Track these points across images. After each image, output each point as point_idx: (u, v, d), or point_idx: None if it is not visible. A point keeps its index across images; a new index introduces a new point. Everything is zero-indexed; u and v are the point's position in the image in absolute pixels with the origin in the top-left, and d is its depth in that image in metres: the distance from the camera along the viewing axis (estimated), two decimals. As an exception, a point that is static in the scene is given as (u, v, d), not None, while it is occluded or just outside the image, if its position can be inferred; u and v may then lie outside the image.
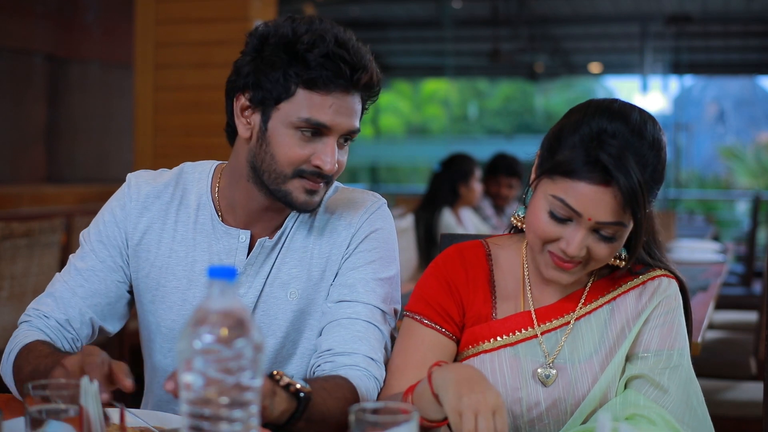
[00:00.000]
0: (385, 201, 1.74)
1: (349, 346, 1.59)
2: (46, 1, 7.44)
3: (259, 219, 1.66)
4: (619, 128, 1.43)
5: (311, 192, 1.58)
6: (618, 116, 1.44)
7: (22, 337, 1.62)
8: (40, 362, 1.50)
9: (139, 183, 1.72)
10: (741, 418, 3.13)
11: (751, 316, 4.47)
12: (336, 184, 1.75)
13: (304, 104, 1.54)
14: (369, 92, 1.61)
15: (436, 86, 16.09)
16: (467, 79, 15.87)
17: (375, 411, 1.04)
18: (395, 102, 16.36)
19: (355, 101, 1.58)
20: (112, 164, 7.75)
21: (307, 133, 1.55)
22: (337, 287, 1.65)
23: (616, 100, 1.50)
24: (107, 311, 1.70)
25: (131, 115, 5.68)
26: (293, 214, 1.68)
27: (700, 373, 1.58)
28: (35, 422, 1.11)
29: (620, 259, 1.55)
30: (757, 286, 6.21)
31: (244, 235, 1.65)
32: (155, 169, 1.78)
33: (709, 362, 3.57)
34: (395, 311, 1.69)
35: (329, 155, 1.56)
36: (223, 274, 0.98)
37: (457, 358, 1.60)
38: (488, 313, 1.59)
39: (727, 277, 5.43)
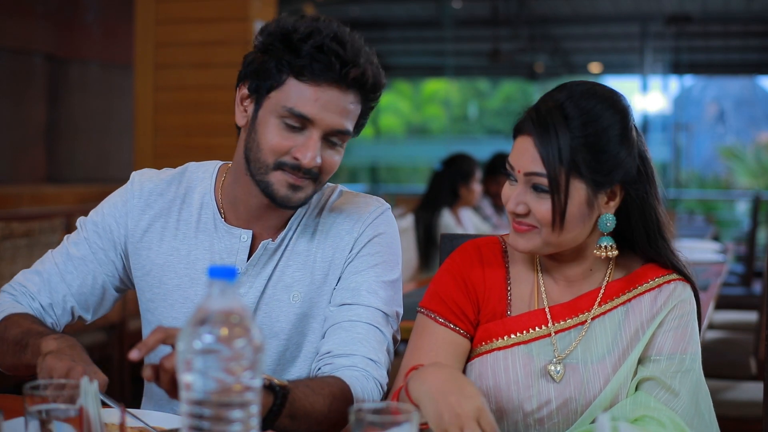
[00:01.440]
0: (390, 206, 1.74)
1: (349, 348, 1.58)
2: (46, 1, 7.43)
3: (260, 217, 1.65)
4: (558, 94, 1.50)
5: (294, 187, 1.57)
6: (569, 86, 1.52)
7: (8, 305, 1.65)
8: (30, 337, 1.53)
9: (143, 180, 1.72)
10: (741, 418, 3.13)
11: (751, 316, 4.47)
12: (340, 188, 1.75)
13: (292, 94, 1.54)
14: (362, 91, 1.58)
15: (436, 86, 16.08)
16: (467, 79, 15.86)
17: (375, 411, 1.04)
18: (395, 102, 16.35)
19: (347, 100, 1.56)
20: (112, 164, 7.75)
21: (292, 124, 1.54)
22: (340, 291, 1.65)
23: (581, 81, 1.55)
24: (90, 302, 1.72)
25: (131, 115, 5.68)
26: (296, 216, 1.67)
27: (699, 373, 1.58)
28: (41, 423, 1.11)
29: (605, 249, 1.54)
30: (757, 286, 6.21)
31: (246, 235, 1.65)
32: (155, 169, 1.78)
33: (709, 362, 3.53)
34: (397, 314, 1.68)
35: (310, 149, 1.54)
36: (223, 273, 0.98)
37: (471, 354, 1.59)
38: (503, 310, 1.59)
39: (727, 277, 5.43)
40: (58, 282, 1.69)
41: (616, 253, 1.54)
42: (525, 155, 1.48)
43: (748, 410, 3.13)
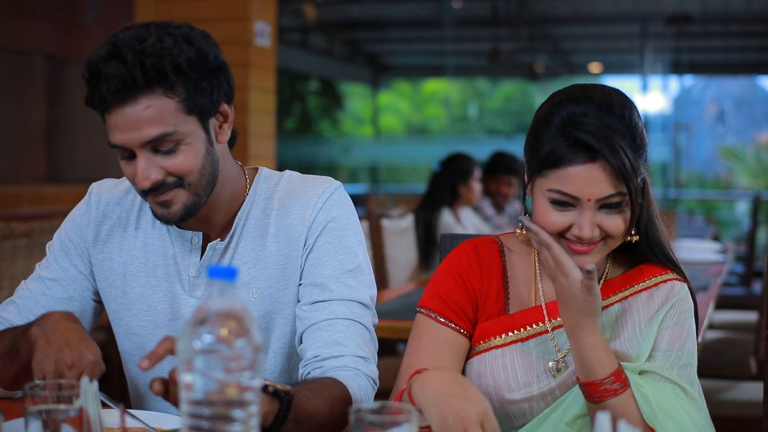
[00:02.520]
0: (341, 184, 1.68)
1: (335, 349, 1.56)
2: (46, 1, 7.43)
3: (199, 218, 1.62)
4: (587, 108, 1.46)
5: (162, 204, 1.54)
6: (583, 98, 1.48)
7: None
8: (18, 338, 1.51)
9: (100, 192, 1.72)
10: (741, 418, 3.13)
11: (751, 316, 4.47)
12: (288, 173, 1.71)
13: (108, 127, 1.51)
14: (156, 85, 1.46)
15: (436, 86, 16.08)
16: (467, 79, 15.85)
17: (375, 411, 1.03)
18: (395, 102, 16.35)
19: (137, 109, 1.46)
20: (112, 164, 7.72)
21: (123, 156, 1.52)
22: (308, 287, 1.61)
23: (575, 86, 1.52)
24: None
25: (131, 115, 5.67)
26: (242, 211, 1.64)
27: (700, 374, 1.58)
28: (45, 423, 1.11)
29: (631, 235, 1.54)
30: (757, 286, 6.22)
31: (197, 237, 1.64)
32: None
33: (709, 362, 3.57)
34: (371, 297, 1.65)
35: (140, 171, 1.50)
36: (223, 274, 0.98)
37: (469, 353, 1.59)
38: (501, 309, 1.59)
39: (727, 277, 5.43)
40: (32, 305, 1.67)
41: (637, 237, 1.55)
42: (597, 183, 1.44)
43: (748, 410, 3.13)
